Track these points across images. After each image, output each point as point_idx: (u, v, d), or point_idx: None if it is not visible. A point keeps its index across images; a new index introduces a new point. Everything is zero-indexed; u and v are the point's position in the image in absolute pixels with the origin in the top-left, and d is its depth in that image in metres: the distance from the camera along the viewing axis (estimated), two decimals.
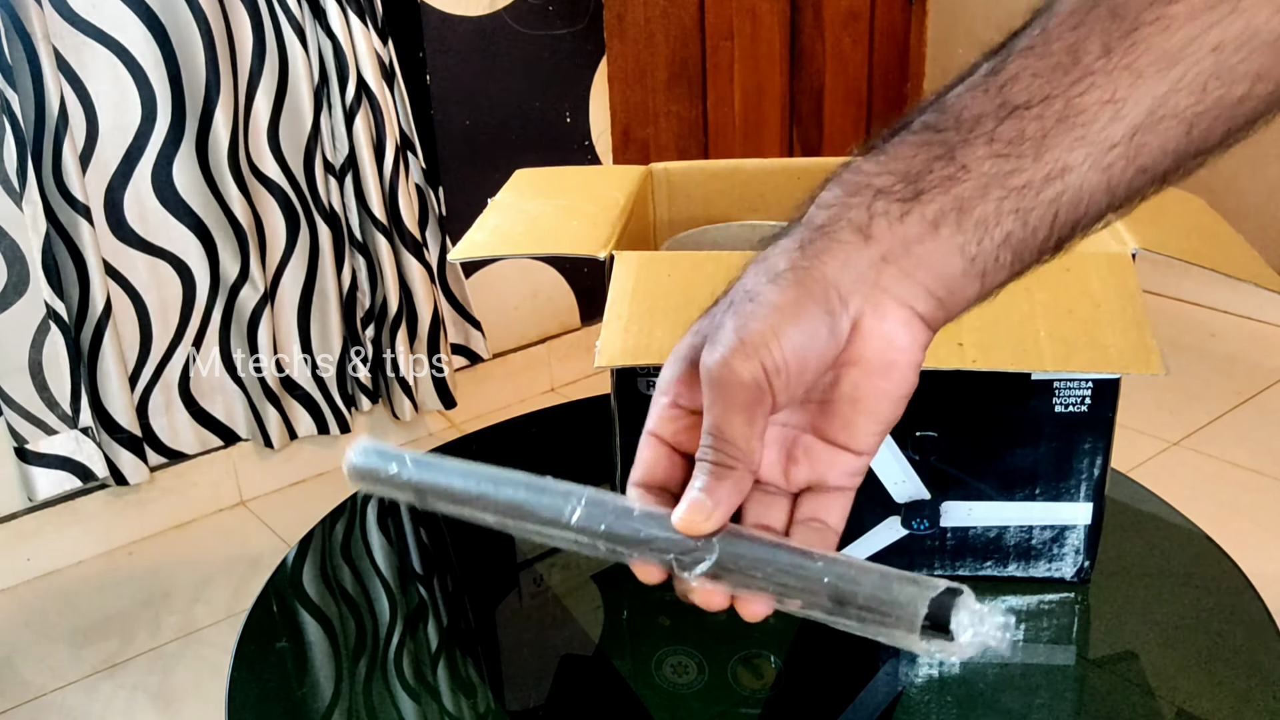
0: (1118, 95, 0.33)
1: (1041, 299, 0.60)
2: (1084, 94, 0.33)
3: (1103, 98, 0.33)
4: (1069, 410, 0.62)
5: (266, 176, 1.49)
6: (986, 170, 0.35)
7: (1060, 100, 0.34)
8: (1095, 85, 0.33)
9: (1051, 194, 0.35)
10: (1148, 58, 0.33)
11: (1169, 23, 0.32)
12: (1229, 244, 0.68)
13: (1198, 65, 0.33)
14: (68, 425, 1.43)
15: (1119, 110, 0.33)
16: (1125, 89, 0.33)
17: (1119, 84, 0.33)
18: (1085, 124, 0.34)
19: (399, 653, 0.67)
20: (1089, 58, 0.33)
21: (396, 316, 1.62)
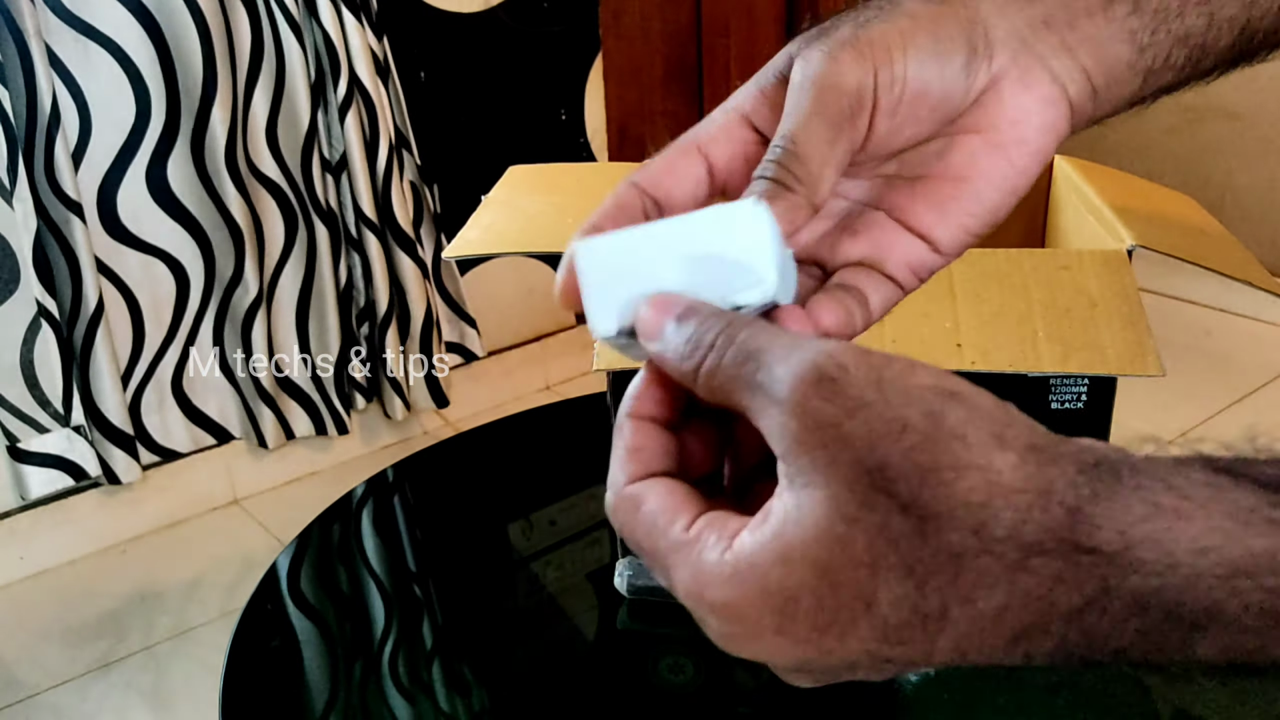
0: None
1: (1039, 297, 0.60)
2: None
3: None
4: (1065, 408, 0.62)
5: (264, 175, 1.49)
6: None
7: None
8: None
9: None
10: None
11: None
12: (1223, 243, 0.68)
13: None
14: (59, 424, 1.43)
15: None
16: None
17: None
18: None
19: (394, 652, 0.66)
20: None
21: (387, 315, 1.62)
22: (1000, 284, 0.61)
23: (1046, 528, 0.23)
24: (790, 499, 0.25)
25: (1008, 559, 0.23)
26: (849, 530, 0.24)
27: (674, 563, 0.27)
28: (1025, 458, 0.24)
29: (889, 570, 0.24)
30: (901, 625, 0.24)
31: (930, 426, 0.24)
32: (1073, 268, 0.62)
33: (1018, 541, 0.23)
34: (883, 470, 0.24)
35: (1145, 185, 0.75)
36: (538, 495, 0.82)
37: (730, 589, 0.26)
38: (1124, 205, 0.67)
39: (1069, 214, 0.75)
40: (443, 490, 0.85)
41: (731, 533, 0.26)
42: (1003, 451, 0.24)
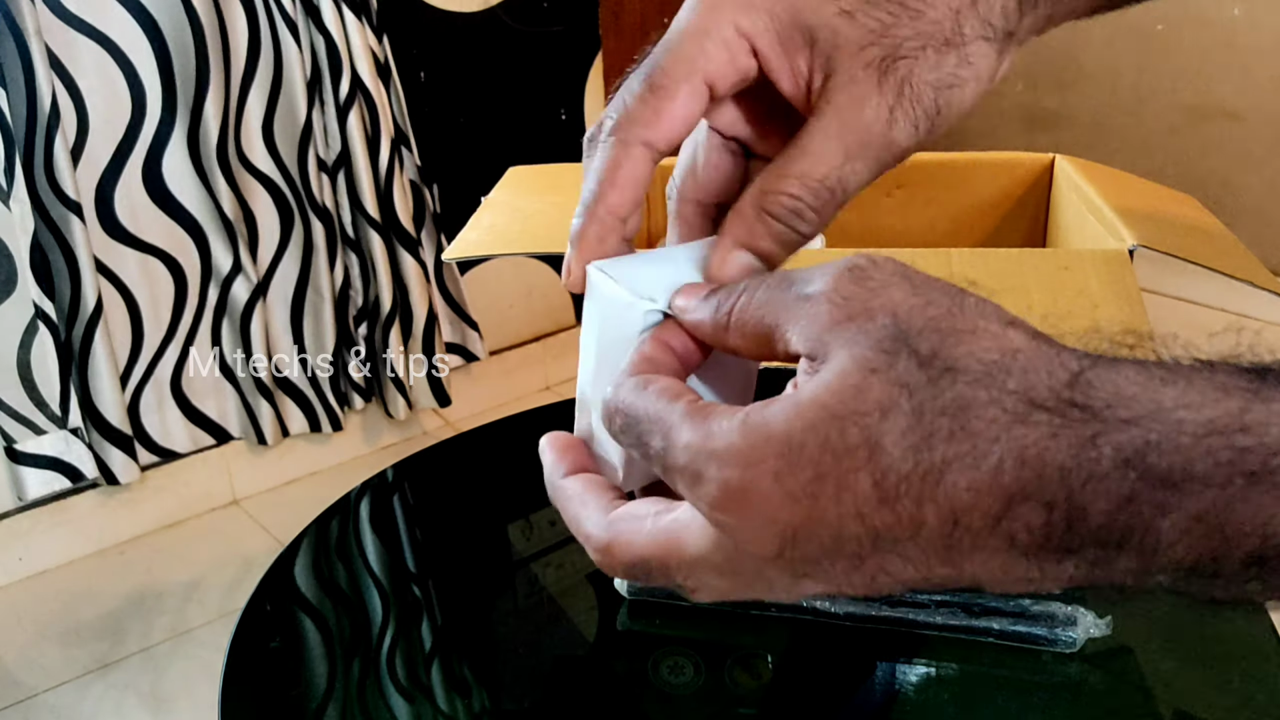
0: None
1: (1040, 299, 0.60)
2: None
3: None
4: None
5: (261, 172, 1.48)
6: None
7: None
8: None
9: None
10: None
11: None
12: (1225, 243, 0.68)
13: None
14: (57, 425, 1.43)
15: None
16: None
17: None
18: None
19: (393, 653, 0.66)
20: None
21: (390, 314, 1.62)
22: (1001, 284, 0.60)
23: (1050, 386, 0.24)
24: (810, 371, 0.26)
25: (1013, 410, 0.24)
26: (865, 379, 0.25)
27: (678, 424, 0.27)
28: (1037, 339, 0.26)
29: (899, 414, 0.24)
30: (900, 479, 0.24)
31: (952, 304, 0.26)
32: (1074, 268, 0.61)
33: (1023, 396, 0.24)
34: (906, 331, 0.25)
35: (1146, 185, 0.75)
36: (538, 495, 0.82)
37: (737, 435, 0.26)
38: (1125, 205, 0.67)
39: (1070, 214, 0.75)
40: (443, 490, 0.85)
41: (741, 410, 0.27)
42: (1016, 329, 0.26)
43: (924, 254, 0.62)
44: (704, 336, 0.30)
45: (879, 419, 0.25)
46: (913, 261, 0.27)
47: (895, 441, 0.24)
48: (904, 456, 0.24)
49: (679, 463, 0.27)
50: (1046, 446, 0.24)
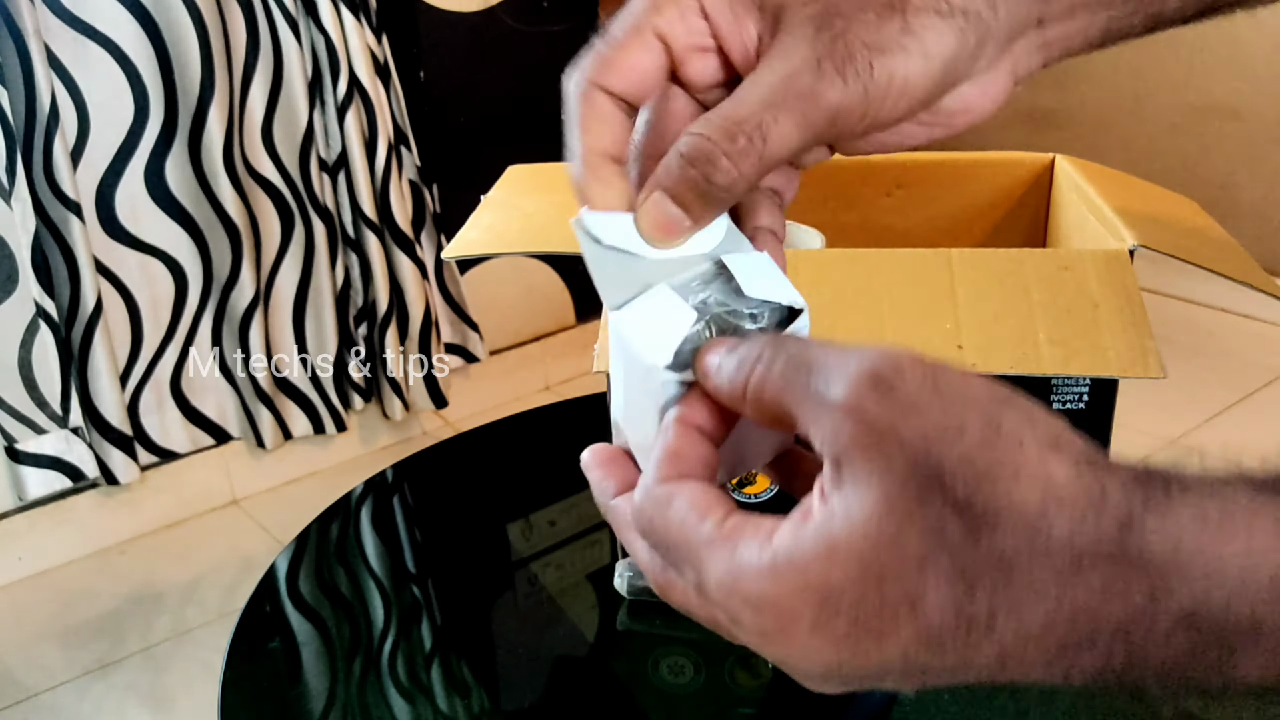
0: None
1: (1040, 299, 0.60)
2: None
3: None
4: (1067, 408, 0.62)
5: (261, 174, 1.48)
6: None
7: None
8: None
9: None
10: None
11: None
12: (1224, 245, 0.68)
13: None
14: (58, 425, 1.43)
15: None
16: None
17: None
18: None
19: (393, 653, 0.66)
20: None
21: (386, 315, 1.61)
22: (1001, 285, 0.60)
23: (1099, 537, 0.23)
24: (839, 499, 0.25)
25: (1060, 567, 0.23)
26: (901, 528, 0.24)
27: (707, 555, 0.26)
28: (1080, 467, 0.24)
29: (939, 571, 0.23)
30: (945, 629, 0.24)
31: (987, 430, 0.24)
32: (1074, 268, 0.61)
33: (1070, 550, 0.23)
34: (939, 471, 0.23)
35: (1146, 186, 0.75)
36: (538, 496, 0.82)
37: (769, 581, 0.25)
38: (1125, 205, 0.66)
39: (1070, 214, 0.75)
40: (442, 491, 0.85)
41: (768, 530, 0.26)
42: (1059, 458, 0.24)
43: (924, 254, 0.62)
44: (724, 403, 0.29)
45: (917, 574, 0.24)
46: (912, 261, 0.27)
47: (937, 599, 0.24)
48: (947, 611, 0.24)
49: (713, 599, 0.27)
50: (1098, 605, 0.23)
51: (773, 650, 0.26)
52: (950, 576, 0.23)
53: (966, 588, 0.23)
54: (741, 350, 0.29)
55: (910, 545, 0.23)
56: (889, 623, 0.24)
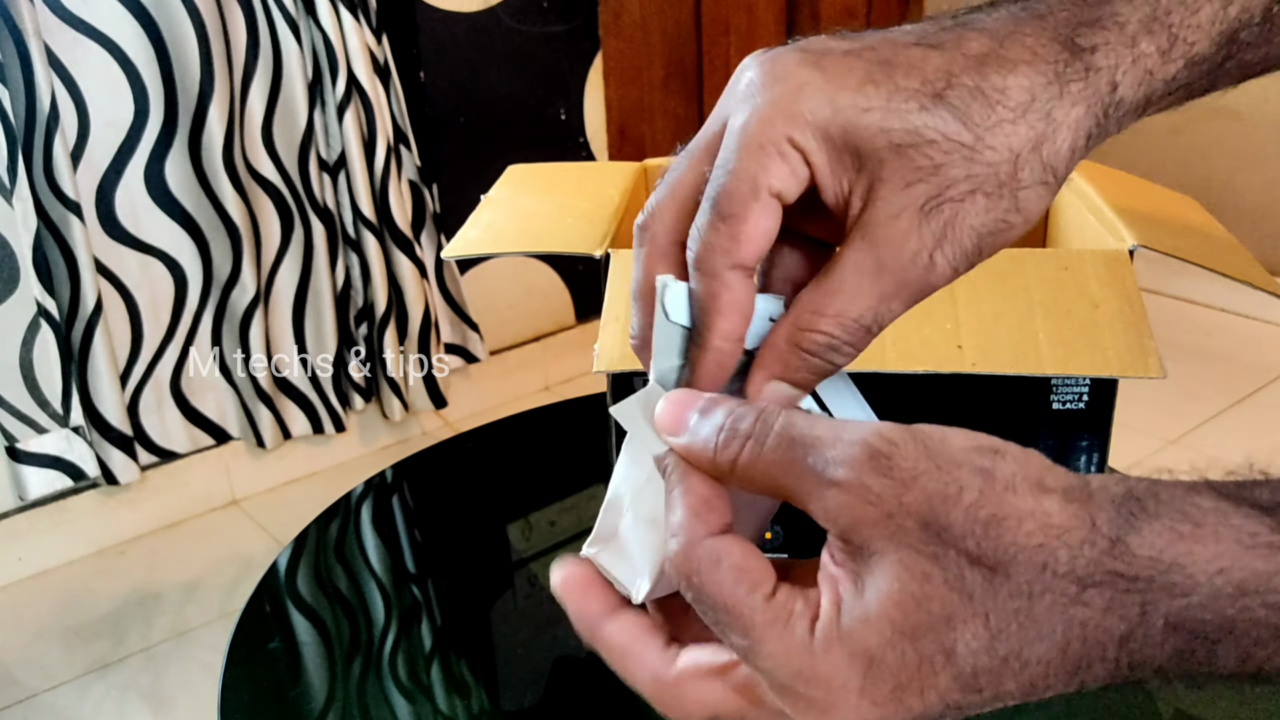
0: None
1: (1040, 299, 0.60)
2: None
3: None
4: (1067, 408, 0.62)
5: (260, 174, 1.48)
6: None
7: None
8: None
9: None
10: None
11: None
12: (1224, 244, 0.68)
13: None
14: (58, 424, 1.43)
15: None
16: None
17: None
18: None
19: (393, 653, 0.66)
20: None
21: (385, 315, 1.61)
22: (1001, 285, 0.60)
23: (1095, 560, 0.26)
24: (854, 572, 0.27)
25: (1069, 594, 0.26)
26: (923, 588, 0.26)
27: (760, 628, 0.28)
28: (1067, 499, 0.26)
29: (966, 620, 0.26)
30: (980, 672, 0.26)
31: (984, 483, 0.26)
32: (1074, 268, 0.61)
33: (1074, 577, 0.26)
34: (948, 529, 0.26)
35: (1146, 185, 0.75)
36: (537, 496, 0.82)
37: (818, 659, 0.27)
38: (1125, 205, 0.66)
39: (1070, 214, 0.75)
40: (442, 491, 0.85)
41: (813, 604, 0.28)
42: (1048, 496, 0.26)
43: None
44: (699, 467, 0.30)
45: (947, 628, 0.26)
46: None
47: (968, 646, 0.26)
48: (979, 655, 0.26)
49: (764, 669, 0.28)
50: (1103, 622, 0.26)
51: (819, 718, 0.28)
52: (978, 623, 0.26)
53: (993, 631, 0.26)
54: (720, 418, 0.30)
55: (936, 603, 0.26)
56: (928, 676, 0.26)
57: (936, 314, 0.59)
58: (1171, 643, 0.25)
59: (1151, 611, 0.25)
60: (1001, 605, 0.26)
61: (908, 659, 0.26)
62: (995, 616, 0.26)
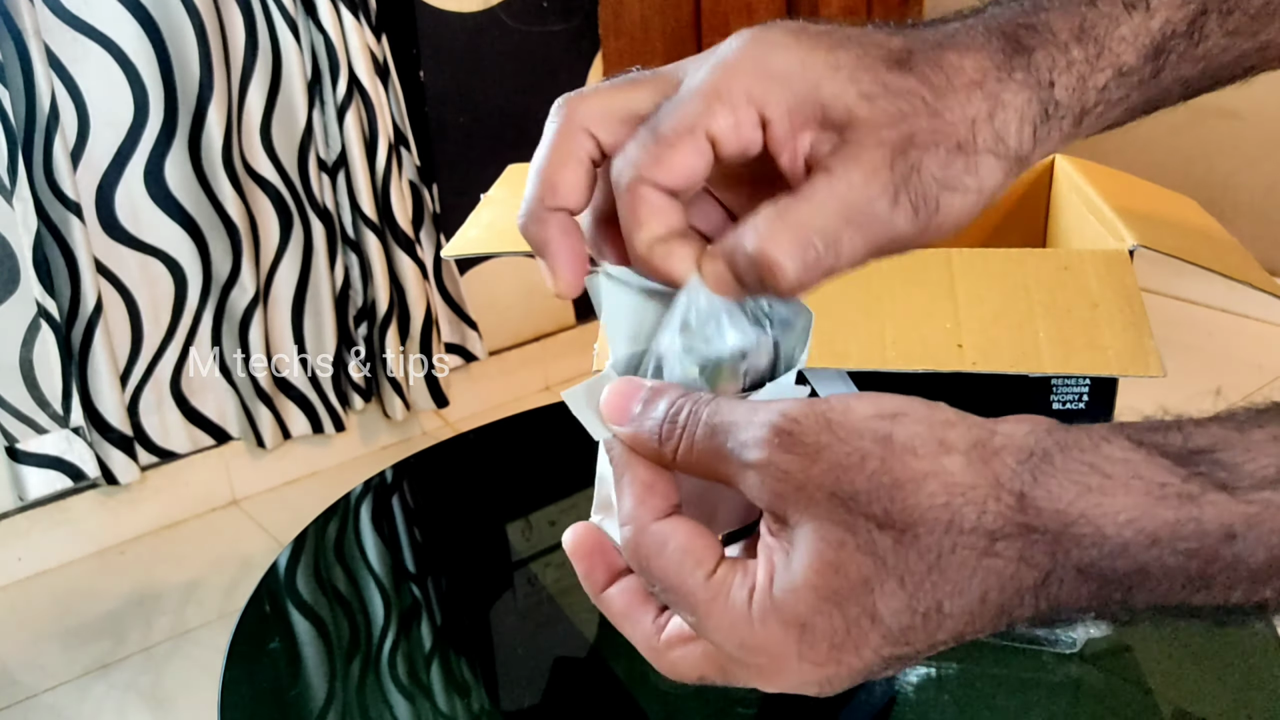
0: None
1: (1040, 298, 0.60)
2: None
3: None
4: (1067, 407, 0.62)
5: (259, 174, 1.48)
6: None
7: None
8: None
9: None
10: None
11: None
12: (1224, 245, 0.68)
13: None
14: (59, 424, 1.43)
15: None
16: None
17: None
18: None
19: (393, 653, 0.66)
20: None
21: (387, 315, 1.61)
22: (1001, 284, 0.60)
23: (1001, 514, 0.26)
24: (786, 547, 0.29)
25: (978, 547, 0.27)
26: (839, 555, 0.27)
27: (705, 611, 0.30)
28: (970, 456, 0.27)
29: (882, 582, 0.27)
30: (904, 628, 0.28)
31: (883, 450, 0.27)
32: (1074, 268, 0.61)
33: (982, 530, 0.27)
34: (854, 497, 0.27)
35: (1146, 185, 0.75)
36: (537, 496, 0.82)
37: (757, 629, 0.29)
38: (1125, 205, 0.66)
39: (1070, 214, 0.75)
40: (442, 491, 0.85)
41: (750, 579, 0.29)
42: (949, 455, 0.27)
43: (924, 254, 0.62)
44: (645, 456, 0.32)
45: (866, 591, 0.27)
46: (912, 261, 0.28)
47: (889, 606, 0.27)
48: (900, 614, 0.27)
49: (714, 641, 0.30)
50: (1016, 572, 0.27)
51: (772, 683, 0.30)
52: (894, 585, 0.27)
53: (911, 591, 0.27)
54: (662, 410, 0.31)
55: (853, 568, 0.27)
56: (858, 636, 0.28)
57: (936, 314, 0.59)
58: (1086, 588, 0.26)
59: (1063, 561, 0.26)
60: (913, 565, 0.27)
61: (836, 623, 0.28)
62: (909, 577, 0.27)
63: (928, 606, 0.27)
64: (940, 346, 0.57)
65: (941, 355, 0.57)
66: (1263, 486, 0.25)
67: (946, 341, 0.57)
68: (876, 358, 0.57)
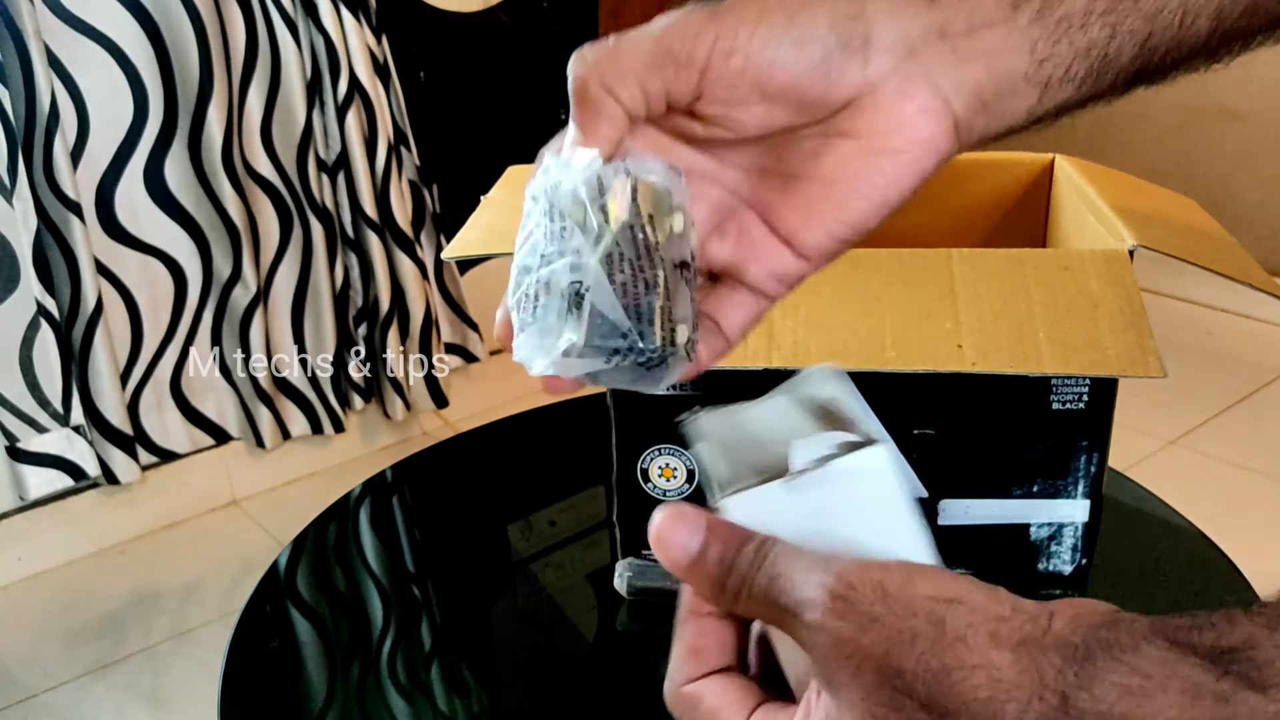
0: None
1: (1040, 298, 0.60)
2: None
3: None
4: (1067, 408, 0.62)
5: (259, 174, 1.48)
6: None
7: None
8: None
9: (1151, 7, 0.31)
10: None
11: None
12: (1224, 244, 0.68)
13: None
14: (59, 423, 1.43)
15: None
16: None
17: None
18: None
19: (392, 653, 0.66)
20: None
21: (388, 315, 1.61)
22: (1001, 284, 0.60)
23: (1044, 714, 0.27)
24: (829, 701, 0.29)
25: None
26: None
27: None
28: (1019, 653, 0.28)
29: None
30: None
31: (935, 632, 0.28)
32: (1074, 268, 0.61)
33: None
34: (900, 675, 0.28)
35: (1146, 186, 0.75)
36: (537, 496, 0.82)
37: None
38: (1125, 205, 0.66)
39: (1070, 214, 0.75)
40: (442, 491, 0.85)
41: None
42: (999, 650, 0.28)
43: (924, 254, 0.62)
44: (699, 591, 0.33)
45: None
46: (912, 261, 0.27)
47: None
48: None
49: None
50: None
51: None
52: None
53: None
54: (718, 553, 0.31)
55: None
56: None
57: (936, 314, 0.59)
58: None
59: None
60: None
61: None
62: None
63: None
64: (940, 346, 0.57)
65: (941, 355, 0.57)
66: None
67: (946, 341, 0.57)
68: (876, 358, 0.57)
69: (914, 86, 0.31)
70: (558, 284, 0.33)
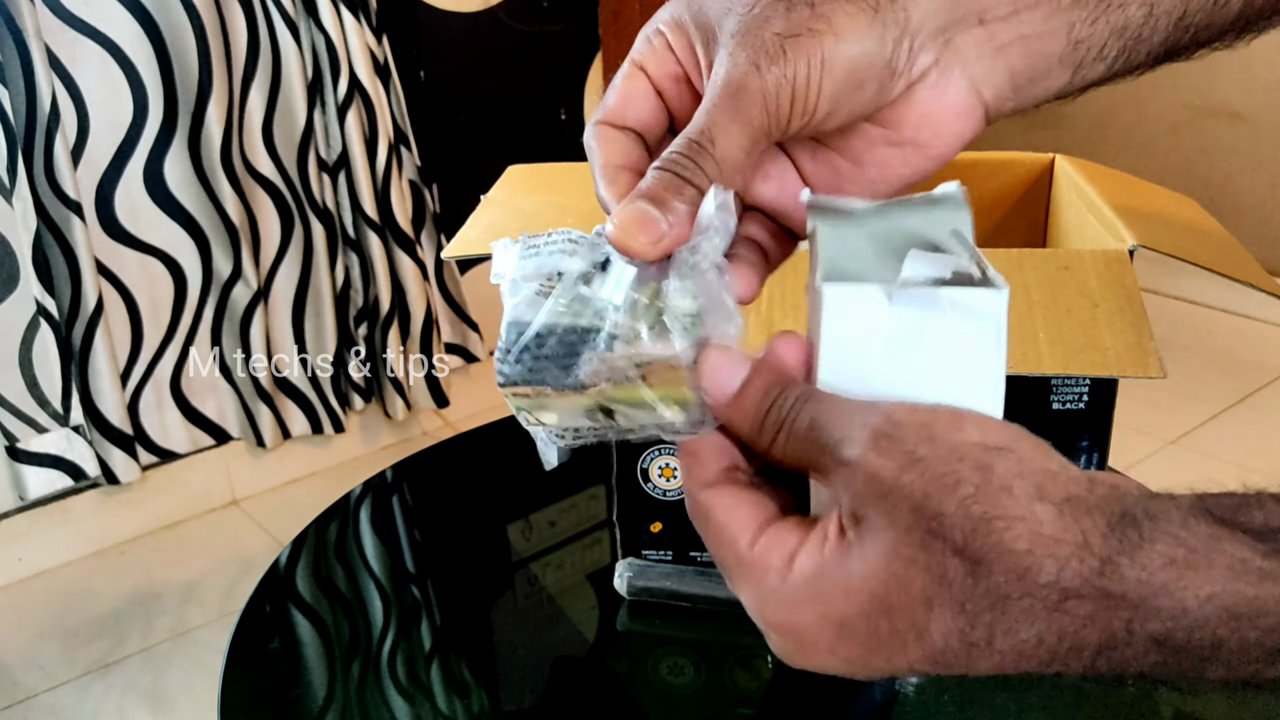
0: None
1: (1040, 298, 0.60)
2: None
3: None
4: (1067, 408, 0.62)
5: (260, 174, 1.48)
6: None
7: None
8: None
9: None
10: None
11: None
12: (1224, 244, 0.68)
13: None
14: (59, 423, 1.43)
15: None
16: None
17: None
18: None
19: (393, 653, 0.66)
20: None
21: (389, 315, 1.62)
22: None
23: (1082, 575, 0.26)
24: (855, 543, 0.28)
25: (1049, 602, 0.26)
26: (907, 570, 0.27)
27: (739, 580, 0.30)
28: (1063, 509, 0.27)
29: (942, 606, 0.27)
30: (948, 651, 0.28)
31: (980, 479, 0.27)
32: (1074, 268, 0.61)
33: (1057, 588, 0.26)
34: (938, 518, 0.27)
35: (1146, 185, 0.75)
36: (537, 496, 0.82)
37: (791, 612, 0.29)
38: (1125, 205, 0.66)
39: (1070, 214, 0.75)
40: (442, 491, 0.85)
41: (790, 553, 0.29)
42: (1043, 504, 0.27)
43: None
44: (739, 436, 0.32)
45: (924, 611, 0.27)
46: None
47: (941, 629, 0.27)
48: (949, 637, 0.27)
49: (747, 607, 0.31)
50: (1079, 630, 0.27)
51: (795, 661, 0.30)
52: (953, 611, 0.27)
53: (968, 620, 0.27)
54: (760, 397, 0.31)
55: (916, 585, 0.27)
56: (898, 648, 0.28)
57: None
58: (1155, 655, 0.26)
59: (1137, 629, 0.26)
60: (978, 598, 0.27)
61: (880, 630, 0.28)
62: (970, 605, 0.27)
63: (979, 638, 0.27)
64: None
65: None
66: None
67: None
68: None
69: (949, 83, 0.32)
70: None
